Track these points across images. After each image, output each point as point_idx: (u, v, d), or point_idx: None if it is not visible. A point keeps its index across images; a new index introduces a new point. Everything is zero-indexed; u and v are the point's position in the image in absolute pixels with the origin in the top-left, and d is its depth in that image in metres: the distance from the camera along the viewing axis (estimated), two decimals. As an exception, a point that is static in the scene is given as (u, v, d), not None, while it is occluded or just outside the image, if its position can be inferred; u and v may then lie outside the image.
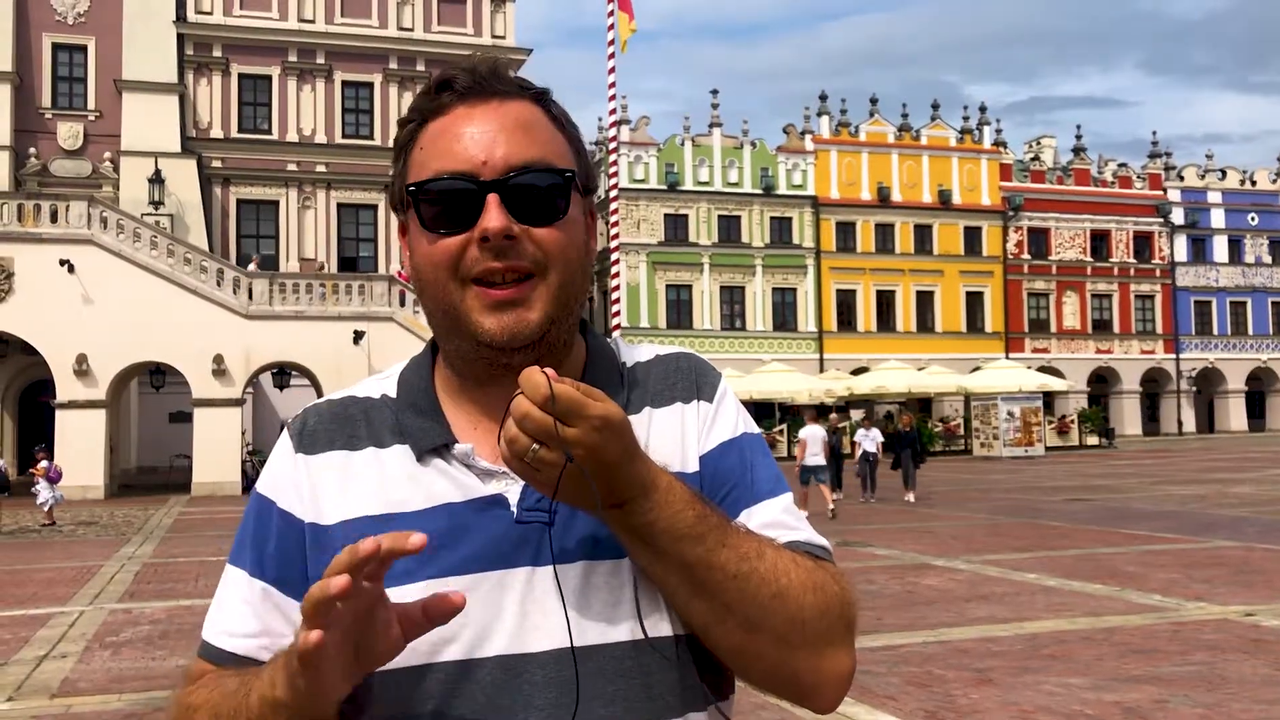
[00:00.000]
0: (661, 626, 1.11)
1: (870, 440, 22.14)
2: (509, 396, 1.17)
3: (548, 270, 1.14)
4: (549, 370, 0.98)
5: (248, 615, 1.16)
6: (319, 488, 1.17)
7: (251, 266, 32.15)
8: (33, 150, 36.37)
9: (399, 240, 1.24)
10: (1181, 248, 55.81)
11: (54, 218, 27.73)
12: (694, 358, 1.29)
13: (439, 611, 0.99)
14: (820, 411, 42.58)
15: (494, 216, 1.11)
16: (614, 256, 22.45)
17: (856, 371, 45.63)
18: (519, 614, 1.10)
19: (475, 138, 1.14)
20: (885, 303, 49.99)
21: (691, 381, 1.25)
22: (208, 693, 1.11)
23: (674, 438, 1.21)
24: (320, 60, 39.63)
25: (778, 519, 1.19)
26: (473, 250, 1.12)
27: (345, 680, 0.98)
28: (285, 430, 1.25)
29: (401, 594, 1.07)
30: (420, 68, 40.11)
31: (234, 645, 1.16)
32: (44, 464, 21.36)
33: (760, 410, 41.54)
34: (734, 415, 1.25)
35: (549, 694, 1.08)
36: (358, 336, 29.14)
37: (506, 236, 1.11)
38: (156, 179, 35.56)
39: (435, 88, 1.19)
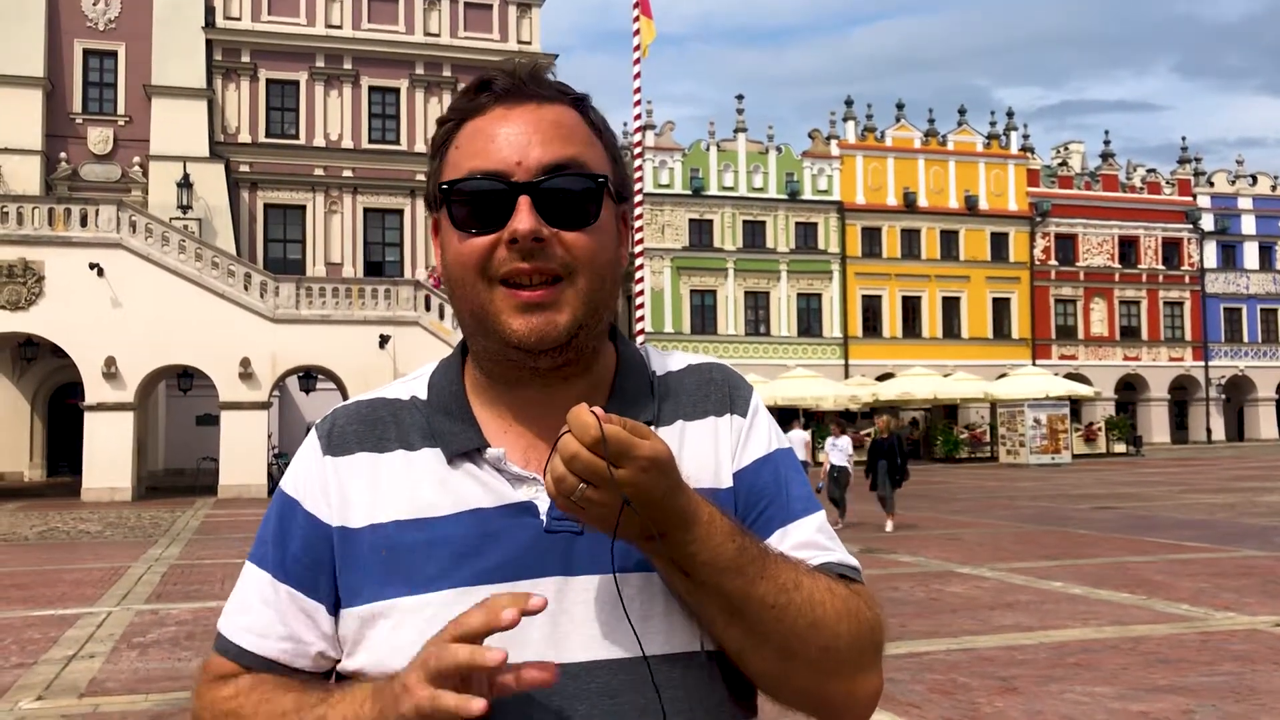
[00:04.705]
0: (693, 642, 1.11)
1: (839, 452, 18.02)
2: (538, 399, 1.18)
3: (576, 275, 1.13)
4: (598, 409, 0.98)
5: (272, 618, 1.16)
6: (347, 490, 1.17)
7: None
8: (63, 155, 36.74)
9: (432, 240, 1.25)
10: (1211, 254, 55.33)
11: (84, 222, 27.99)
12: (726, 369, 1.28)
13: (529, 681, 0.99)
14: (847, 418, 42.33)
15: (524, 218, 1.11)
16: (638, 262, 22.47)
17: (882, 378, 45.42)
18: (549, 624, 1.09)
19: (510, 138, 1.14)
20: (911, 308, 49.79)
21: (724, 394, 1.25)
22: (253, 705, 1.11)
23: (707, 452, 1.20)
24: (347, 66, 39.87)
25: (812, 539, 1.19)
26: (501, 251, 1.12)
27: None
28: (313, 431, 1.24)
29: (430, 599, 1.07)
30: (446, 73, 40.29)
31: (257, 646, 1.15)
32: None
33: (783, 416, 41.49)
34: (767, 431, 1.25)
35: (580, 706, 1.07)
36: (383, 341, 29.28)
37: (536, 239, 1.11)
38: (185, 183, 35.86)
39: (475, 89, 1.18)
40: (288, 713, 1.07)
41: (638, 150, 42.49)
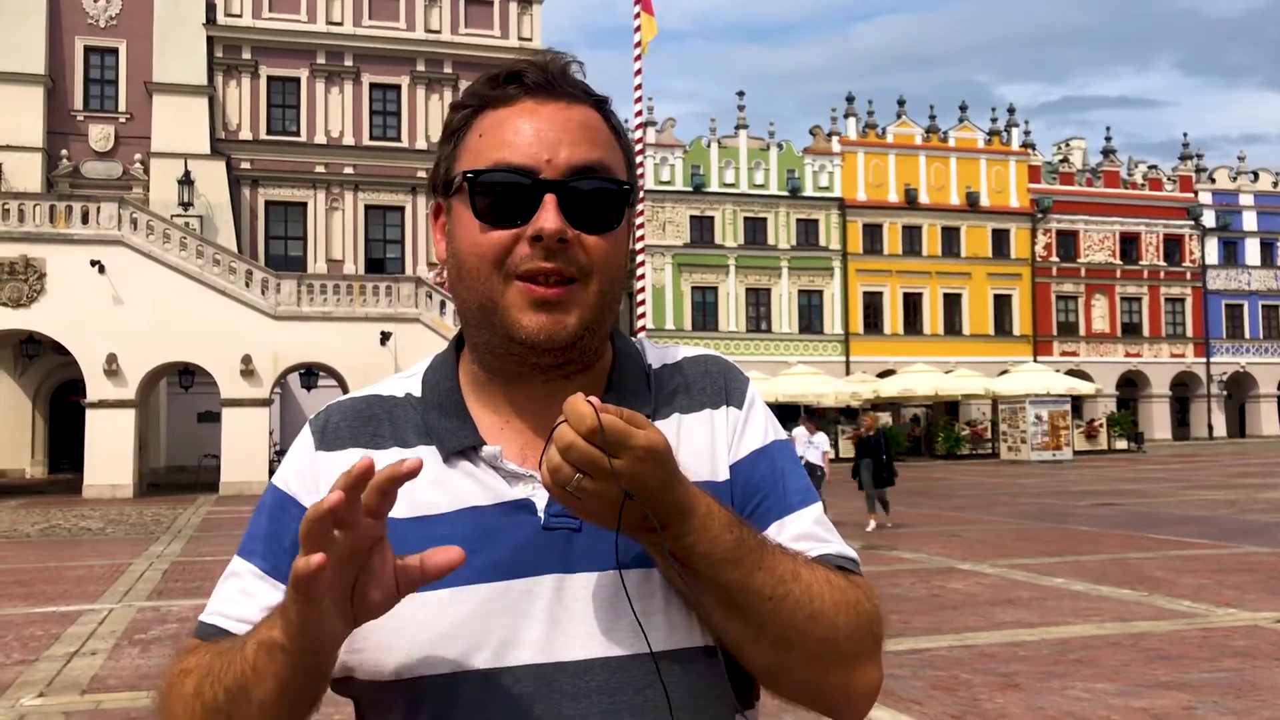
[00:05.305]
0: (693, 637, 1.11)
1: (814, 450, 17.22)
2: (536, 395, 1.17)
3: (591, 278, 1.13)
4: (594, 399, 0.97)
5: (251, 606, 1.14)
6: None
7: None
8: (64, 152, 36.75)
9: (431, 224, 1.23)
10: (1213, 250, 55.30)
11: (85, 219, 27.99)
12: (721, 361, 1.27)
13: (436, 565, 0.97)
14: (848, 415, 42.25)
15: (551, 217, 1.10)
16: (640, 258, 22.46)
17: (883, 374, 45.43)
18: (548, 622, 1.08)
19: (541, 134, 1.12)
20: (912, 305, 49.78)
21: (720, 386, 1.23)
22: (198, 657, 1.10)
23: (703, 445, 1.19)
24: (348, 62, 39.86)
25: (809, 530, 1.18)
26: (522, 247, 1.11)
27: (342, 621, 0.97)
28: (307, 426, 1.23)
29: (426, 599, 1.06)
30: (447, 70, 40.27)
31: (232, 627, 1.13)
32: None
33: (784, 414, 41.46)
34: (763, 422, 1.24)
35: (579, 705, 1.07)
36: (384, 338, 29.29)
37: (560, 239, 1.10)
38: (186, 180, 35.87)
39: (502, 78, 1.16)
40: (229, 647, 1.06)
41: (639, 147, 42.49)
